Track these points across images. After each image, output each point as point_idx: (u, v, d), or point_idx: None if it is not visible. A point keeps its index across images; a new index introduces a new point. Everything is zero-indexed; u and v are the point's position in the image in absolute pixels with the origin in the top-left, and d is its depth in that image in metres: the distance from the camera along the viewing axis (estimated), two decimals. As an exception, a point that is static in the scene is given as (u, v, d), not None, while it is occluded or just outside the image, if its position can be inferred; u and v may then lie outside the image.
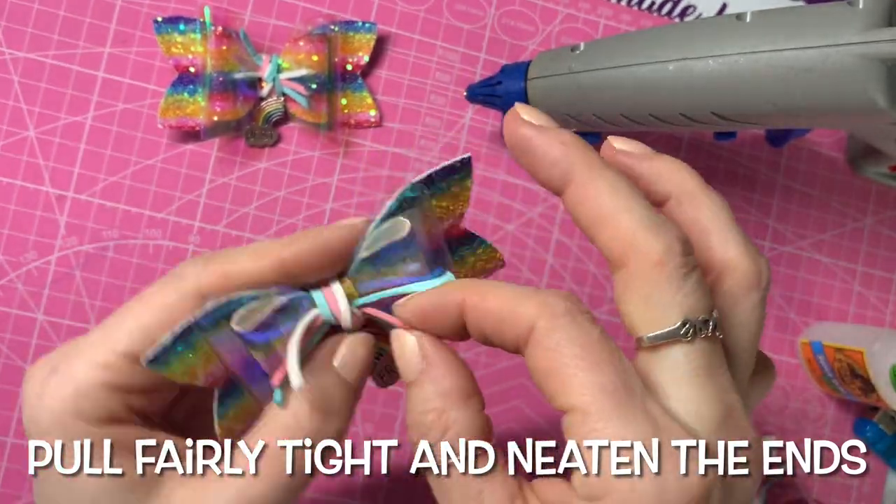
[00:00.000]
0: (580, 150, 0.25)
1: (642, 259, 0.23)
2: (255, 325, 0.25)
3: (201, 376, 0.26)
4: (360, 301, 0.28)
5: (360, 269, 0.28)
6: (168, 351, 0.25)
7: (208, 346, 0.26)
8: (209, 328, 0.26)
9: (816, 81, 0.34)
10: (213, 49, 0.46)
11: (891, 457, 0.55)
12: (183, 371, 0.26)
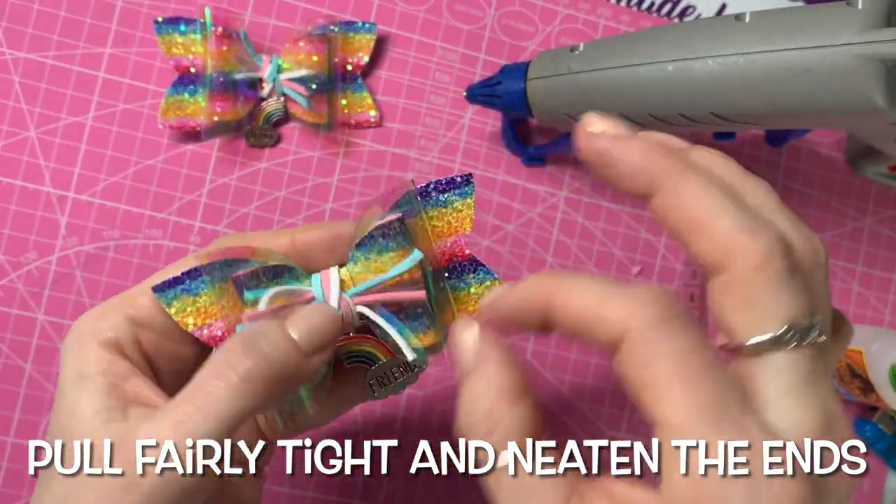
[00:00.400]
0: (664, 155, 0.24)
1: (742, 262, 0.22)
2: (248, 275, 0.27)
3: (199, 327, 0.29)
4: (353, 290, 0.29)
5: (353, 256, 0.29)
6: (173, 285, 0.29)
7: (210, 299, 0.28)
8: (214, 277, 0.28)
9: (815, 82, 0.35)
10: (214, 49, 0.46)
11: (890, 456, 0.55)
12: (182, 313, 0.29)
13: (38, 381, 0.47)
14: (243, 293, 0.28)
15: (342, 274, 0.29)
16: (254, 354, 0.26)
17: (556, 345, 0.52)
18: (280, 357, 0.26)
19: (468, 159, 0.52)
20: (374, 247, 0.29)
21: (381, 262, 0.29)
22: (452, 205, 0.30)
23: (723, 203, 0.23)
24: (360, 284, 0.29)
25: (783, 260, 0.22)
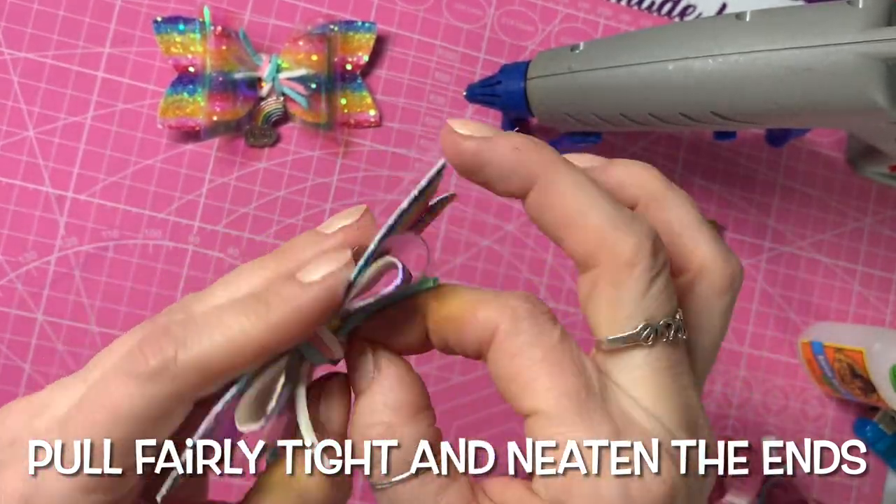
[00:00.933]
0: (536, 152, 0.23)
1: (612, 259, 0.22)
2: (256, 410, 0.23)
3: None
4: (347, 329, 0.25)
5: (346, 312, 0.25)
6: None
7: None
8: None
9: (816, 81, 0.34)
10: (213, 49, 0.46)
11: (891, 457, 0.55)
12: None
13: (37, 381, 0.47)
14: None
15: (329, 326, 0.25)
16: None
17: (556, 345, 0.52)
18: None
19: (468, 159, 0.52)
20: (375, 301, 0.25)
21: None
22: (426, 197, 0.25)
23: (597, 199, 0.22)
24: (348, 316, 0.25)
25: (651, 258, 0.22)
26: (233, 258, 0.49)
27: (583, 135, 0.46)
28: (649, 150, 0.55)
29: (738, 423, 0.55)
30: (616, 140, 0.54)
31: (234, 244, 0.49)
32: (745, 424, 0.55)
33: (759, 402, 0.55)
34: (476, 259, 0.52)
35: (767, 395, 0.55)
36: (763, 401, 0.55)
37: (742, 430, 0.55)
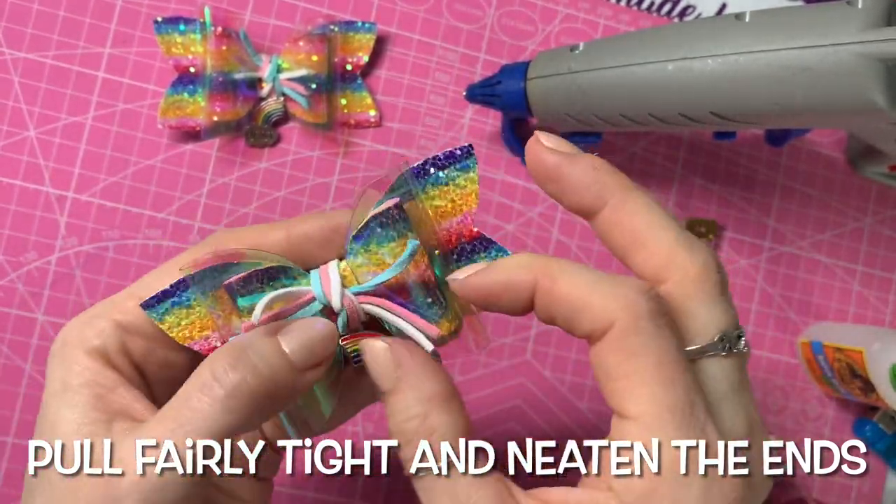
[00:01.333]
0: (612, 174, 0.25)
1: (682, 275, 0.23)
2: (241, 280, 0.25)
3: (196, 341, 0.27)
4: (355, 288, 0.27)
5: (352, 248, 0.27)
6: (162, 299, 0.26)
7: (205, 309, 0.26)
8: (206, 285, 0.26)
9: (815, 81, 0.35)
10: (213, 49, 0.46)
11: (890, 456, 0.55)
12: (177, 328, 0.27)
13: (38, 381, 0.47)
14: (237, 300, 0.26)
15: (342, 269, 0.27)
16: (242, 368, 0.24)
17: (556, 345, 0.52)
18: (270, 372, 0.25)
19: (468, 159, 0.52)
20: (372, 238, 0.26)
21: (382, 254, 0.27)
22: (454, 181, 0.28)
23: (665, 221, 0.24)
24: (362, 280, 0.27)
25: (717, 274, 0.24)
26: (233, 258, 0.49)
27: (582, 135, 0.46)
28: (649, 150, 0.55)
29: (738, 422, 0.55)
30: (616, 140, 0.54)
31: (235, 244, 0.50)
32: (745, 424, 0.55)
33: (758, 402, 0.55)
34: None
35: (767, 395, 0.55)
36: (763, 401, 0.55)
37: (742, 429, 0.55)
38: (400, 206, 0.26)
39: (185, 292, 0.27)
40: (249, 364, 0.25)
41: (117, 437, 0.25)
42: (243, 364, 0.25)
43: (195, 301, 0.27)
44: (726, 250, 0.55)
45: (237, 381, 0.24)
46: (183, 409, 0.25)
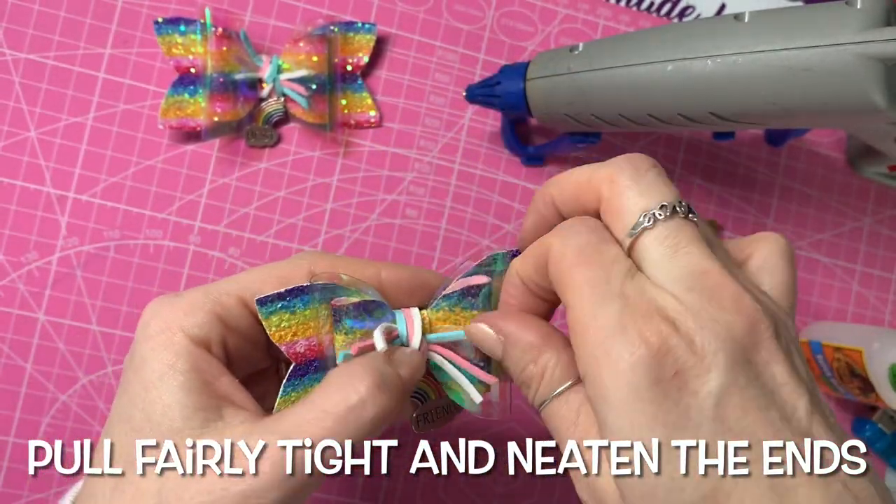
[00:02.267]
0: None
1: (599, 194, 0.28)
2: (350, 306, 0.30)
3: (288, 342, 0.30)
4: (431, 336, 0.32)
5: (438, 304, 0.32)
6: (275, 300, 0.30)
7: (304, 318, 0.30)
8: (313, 299, 0.30)
9: (814, 81, 0.35)
10: (214, 50, 0.46)
11: (889, 456, 0.55)
12: (277, 327, 0.30)
13: (39, 381, 0.48)
14: (343, 320, 0.30)
15: (423, 316, 0.32)
16: (388, 392, 0.28)
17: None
18: (399, 397, 0.29)
19: (468, 159, 0.52)
20: (461, 302, 0.32)
21: (462, 316, 0.32)
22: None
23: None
24: (438, 332, 0.32)
25: (654, 167, 0.27)
26: (233, 258, 0.49)
27: (582, 135, 0.46)
28: (649, 151, 0.55)
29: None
30: (615, 140, 0.54)
31: (235, 244, 0.50)
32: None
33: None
34: (476, 259, 0.52)
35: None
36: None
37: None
38: (489, 284, 0.32)
39: (296, 300, 0.30)
40: (383, 380, 0.28)
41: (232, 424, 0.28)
42: (388, 388, 0.28)
43: (299, 310, 0.30)
44: (726, 250, 0.55)
45: (386, 403, 0.28)
46: (328, 400, 0.28)
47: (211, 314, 0.29)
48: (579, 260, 0.26)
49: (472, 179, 0.52)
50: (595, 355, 0.24)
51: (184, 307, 0.29)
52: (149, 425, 0.27)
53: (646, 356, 0.24)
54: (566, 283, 0.26)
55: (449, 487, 0.51)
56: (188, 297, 0.30)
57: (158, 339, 0.29)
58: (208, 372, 0.29)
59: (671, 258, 0.26)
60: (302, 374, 0.31)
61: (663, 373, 0.23)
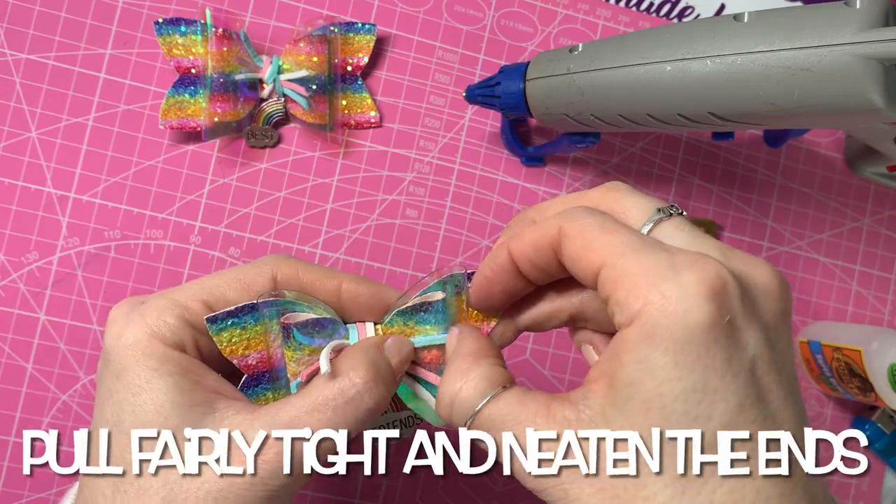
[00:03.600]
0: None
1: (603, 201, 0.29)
2: (300, 324, 0.31)
3: (239, 357, 0.31)
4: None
5: (392, 319, 0.32)
6: (225, 318, 0.30)
7: (255, 333, 0.31)
8: (264, 315, 0.31)
9: (813, 81, 0.35)
10: (214, 50, 0.47)
11: (889, 455, 0.55)
12: (228, 342, 0.31)
13: (40, 381, 0.48)
14: (293, 337, 0.31)
15: (377, 331, 0.33)
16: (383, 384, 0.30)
17: (555, 345, 0.53)
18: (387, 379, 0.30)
19: (468, 160, 0.53)
20: (414, 317, 0.33)
21: (415, 331, 0.33)
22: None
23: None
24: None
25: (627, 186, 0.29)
26: (234, 258, 0.50)
27: (581, 135, 0.46)
28: (648, 151, 0.55)
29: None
30: (615, 141, 0.54)
31: (235, 244, 0.50)
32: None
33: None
34: (476, 259, 0.52)
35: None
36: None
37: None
38: (445, 300, 0.32)
39: (247, 316, 0.31)
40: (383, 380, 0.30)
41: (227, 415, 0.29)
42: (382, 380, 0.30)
43: (250, 325, 0.31)
44: (725, 250, 0.55)
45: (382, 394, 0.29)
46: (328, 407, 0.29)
47: (180, 319, 0.30)
48: (605, 230, 0.26)
49: (471, 180, 0.52)
50: (647, 297, 0.24)
51: (153, 315, 0.29)
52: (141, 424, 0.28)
53: (706, 296, 0.24)
54: (595, 248, 0.26)
55: (448, 487, 0.51)
56: (155, 303, 0.30)
57: (137, 347, 0.29)
58: (194, 371, 0.29)
59: (695, 241, 0.27)
60: (255, 384, 0.32)
61: (720, 316, 0.24)
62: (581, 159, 0.54)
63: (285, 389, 0.32)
